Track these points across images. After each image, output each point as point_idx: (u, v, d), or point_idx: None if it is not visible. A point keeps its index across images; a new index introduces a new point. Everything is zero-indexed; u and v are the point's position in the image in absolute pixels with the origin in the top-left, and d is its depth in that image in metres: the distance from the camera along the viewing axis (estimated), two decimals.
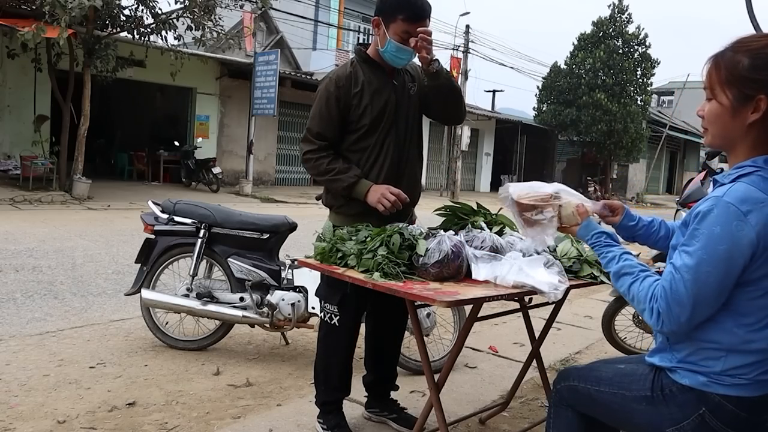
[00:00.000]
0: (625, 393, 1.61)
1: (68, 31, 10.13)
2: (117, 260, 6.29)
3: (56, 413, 2.73)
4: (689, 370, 1.51)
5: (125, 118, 18.98)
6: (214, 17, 12.61)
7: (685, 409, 1.50)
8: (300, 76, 18.63)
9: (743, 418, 1.46)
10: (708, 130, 1.50)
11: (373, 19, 2.47)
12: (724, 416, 1.47)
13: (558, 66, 26.68)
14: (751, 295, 1.43)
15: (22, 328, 3.95)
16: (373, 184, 2.44)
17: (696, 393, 1.49)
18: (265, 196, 15.04)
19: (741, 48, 1.41)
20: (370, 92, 2.48)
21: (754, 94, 1.38)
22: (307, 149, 2.51)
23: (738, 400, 1.46)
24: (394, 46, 2.39)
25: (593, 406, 1.70)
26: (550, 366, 3.61)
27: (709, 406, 1.47)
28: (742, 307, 1.44)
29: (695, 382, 1.49)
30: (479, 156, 26.97)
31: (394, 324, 2.81)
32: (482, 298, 1.92)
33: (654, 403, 1.55)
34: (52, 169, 11.96)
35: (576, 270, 2.25)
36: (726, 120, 1.44)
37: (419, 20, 2.36)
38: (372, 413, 2.83)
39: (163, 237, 3.71)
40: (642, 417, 1.59)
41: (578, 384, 1.73)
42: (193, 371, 3.36)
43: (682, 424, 1.51)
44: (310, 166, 2.52)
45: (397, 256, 2.08)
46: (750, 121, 1.40)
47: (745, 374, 1.45)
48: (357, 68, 2.51)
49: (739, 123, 1.42)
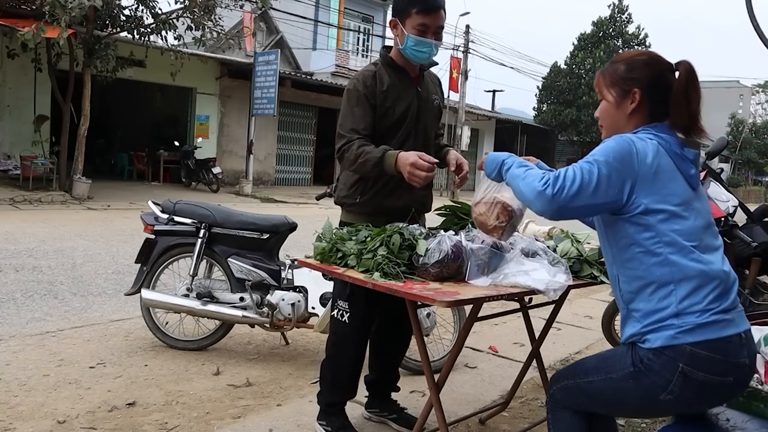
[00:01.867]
0: (612, 376, 1.67)
1: (68, 31, 10.14)
2: (117, 260, 6.29)
3: (56, 413, 2.73)
4: (654, 330, 1.60)
5: (125, 118, 18.98)
6: (214, 17, 12.62)
7: (667, 372, 1.58)
8: (300, 76, 18.64)
9: (719, 361, 1.56)
10: (603, 126, 1.87)
11: (390, 21, 2.48)
12: (701, 365, 1.55)
13: (558, 66, 26.72)
14: (666, 223, 1.63)
15: (22, 328, 3.95)
16: (400, 152, 2.31)
17: (669, 351, 1.57)
18: (265, 196, 15.05)
19: (618, 59, 1.85)
20: (394, 95, 2.49)
21: (631, 89, 1.77)
22: (339, 144, 2.44)
23: (707, 344, 1.55)
24: (413, 41, 2.40)
25: (588, 399, 1.74)
26: (550, 366, 3.61)
27: (684, 359, 1.56)
28: (665, 234, 1.62)
29: (663, 338, 1.58)
30: (479, 156, 26.95)
31: (400, 324, 2.80)
32: (482, 298, 1.92)
33: (640, 377, 1.62)
34: (52, 169, 11.98)
35: (576, 270, 2.25)
36: (612, 113, 1.82)
37: (434, 11, 2.38)
38: (372, 413, 2.82)
39: (163, 237, 3.71)
40: (634, 394, 1.64)
41: (568, 382, 1.77)
42: (193, 371, 3.36)
43: (671, 386, 1.58)
44: (345, 158, 2.42)
45: (397, 256, 2.08)
46: (630, 110, 1.77)
47: (698, 303, 1.58)
48: (381, 70, 2.51)
49: (622, 113, 1.79)
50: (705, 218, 1.70)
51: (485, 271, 2.06)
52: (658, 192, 1.63)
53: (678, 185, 1.66)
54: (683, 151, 1.71)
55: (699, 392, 1.59)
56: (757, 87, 68.92)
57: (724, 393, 1.64)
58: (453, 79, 21.64)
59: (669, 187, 1.64)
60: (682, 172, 1.69)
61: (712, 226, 1.72)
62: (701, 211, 1.70)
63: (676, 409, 1.68)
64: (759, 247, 3.09)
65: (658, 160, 1.65)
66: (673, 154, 1.69)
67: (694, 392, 1.58)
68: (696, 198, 1.71)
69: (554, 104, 26.17)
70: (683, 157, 1.71)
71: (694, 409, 1.72)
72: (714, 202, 3.15)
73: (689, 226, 1.64)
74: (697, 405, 1.68)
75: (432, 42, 2.43)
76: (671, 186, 1.65)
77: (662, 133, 1.71)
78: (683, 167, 1.69)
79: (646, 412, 1.69)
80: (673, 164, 1.68)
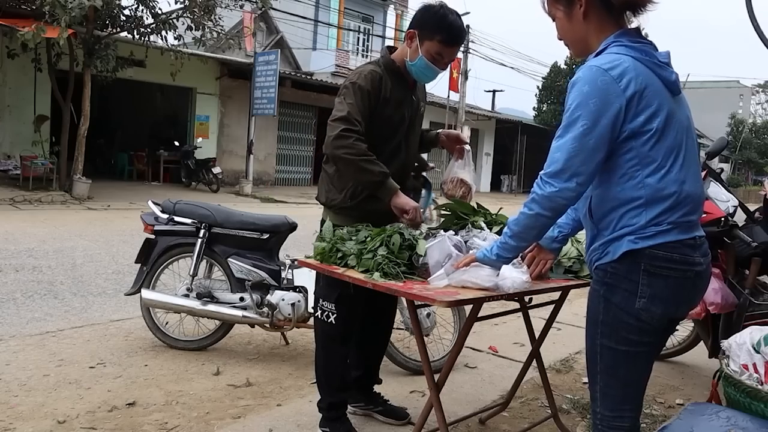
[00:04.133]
0: (597, 318, 1.71)
1: (68, 31, 10.13)
2: (117, 260, 6.29)
3: (56, 413, 2.73)
4: (616, 239, 1.65)
5: (125, 118, 18.97)
6: (214, 17, 12.61)
7: (633, 274, 1.63)
8: (300, 76, 18.65)
9: (677, 259, 1.62)
10: (567, 44, 1.81)
11: (408, 30, 2.45)
12: (661, 262, 1.61)
13: (558, 66, 26.72)
14: (648, 144, 1.61)
15: (22, 328, 3.95)
16: (399, 192, 2.35)
17: (629, 255, 1.63)
18: (265, 196, 15.04)
19: None
20: (393, 104, 2.48)
21: None
22: (346, 127, 2.33)
23: (664, 246, 1.61)
24: (424, 63, 2.41)
25: (613, 367, 1.71)
26: (550, 366, 3.61)
27: (645, 259, 1.62)
28: (645, 156, 1.61)
29: (624, 245, 1.63)
30: (479, 156, 26.95)
31: (382, 321, 2.83)
32: (482, 298, 1.92)
33: (613, 292, 1.67)
34: (52, 169, 11.96)
35: (576, 270, 2.25)
36: (569, 26, 1.76)
37: (455, 45, 2.42)
38: (357, 407, 2.84)
39: (163, 237, 3.71)
40: (617, 315, 1.66)
41: (596, 383, 1.74)
42: (193, 371, 3.36)
43: (640, 289, 1.62)
44: (347, 144, 2.31)
45: (397, 256, 2.08)
46: (581, 15, 1.71)
47: (664, 219, 1.62)
48: (385, 75, 2.48)
49: (577, 21, 1.73)
50: (684, 129, 1.67)
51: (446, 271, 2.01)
52: (642, 113, 1.60)
53: (660, 98, 1.62)
54: (659, 56, 1.66)
55: (667, 288, 1.63)
56: (757, 87, 68.91)
57: (690, 289, 1.68)
58: (453, 79, 21.62)
59: (652, 105, 1.60)
60: (663, 80, 1.64)
61: (690, 132, 1.70)
62: (681, 120, 1.67)
63: (656, 316, 1.65)
64: (759, 247, 3.08)
65: (638, 79, 1.59)
66: (650, 63, 1.63)
67: (662, 288, 1.62)
68: (677, 106, 1.67)
69: (554, 104, 26.17)
70: (659, 63, 1.65)
71: (671, 313, 1.69)
72: (714, 202, 3.15)
73: (668, 145, 1.62)
74: (673, 306, 1.67)
75: (438, 71, 2.45)
76: (654, 102, 1.61)
77: (633, 43, 1.65)
78: (663, 75, 1.65)
79: (639, 334, 1.66)
80: (653, 76, 1.62)
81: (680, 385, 3.55)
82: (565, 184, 1.62)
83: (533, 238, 1.84)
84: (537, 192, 1.68)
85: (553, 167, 1.63)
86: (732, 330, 2.81)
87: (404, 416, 2.79)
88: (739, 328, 2.65)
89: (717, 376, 2.10)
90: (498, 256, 1.88)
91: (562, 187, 1.63)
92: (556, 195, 1.64)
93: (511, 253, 1.86)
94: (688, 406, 1.91)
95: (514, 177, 27.45)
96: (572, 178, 1.62)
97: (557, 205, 1.67)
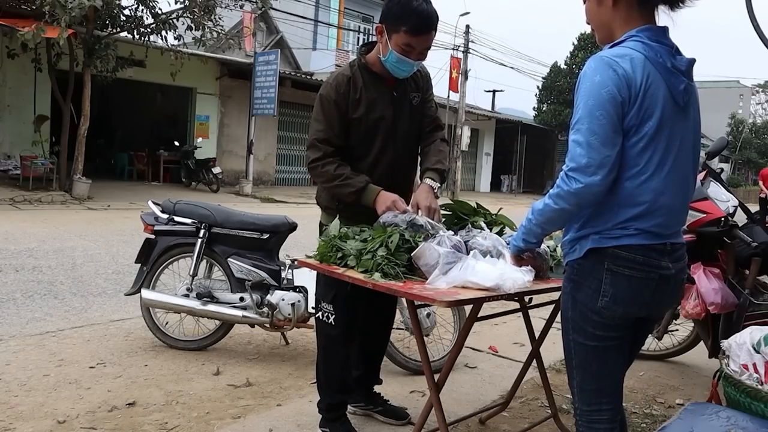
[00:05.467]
0: (567, 314, 1.74)
1: (68, 31, 10.13)
2: (117, 260, 6.29)
3: (56, 413, 2.73)
4: (583, 236, 1.68)
5: (125, 118, 18.97)
6: (214, 17, 12.61)
7: (596, 272, 1.65)
8: (300, 76, 18.64)
9: (641, 261, 1.63)
10: (594, 29, 1.78)
11: (377, 25, 2.37)
12: (623, 263, 1.63)
13: (558, 66, 26.70)
14: (636, 147, 1.60)
15: (22, 328, 3.95)
16: (381, 190, 2.36)
17: (594, 254, 1.65)
18: (265, 196, 15.04)
19: None
20: (366, 103, 2.40)
21: None
22: (314, 157, 2.40)
23: (629, 248, 1.63)
24: (395, 57, 2.31)
25: (582, 357, 1.75)
26: (550, 366, 3.60)
27: (608, 258, 1.64)
28: (629, 158, 1.61)
29: (589, 242, 1.66)
30: (479, 156, 26.97)
31: (382, 321, 2.83)
32: (482, 298, 1.92)
33: (579, 288, 1.70)
34: (52, 169, 11.97)
35: None
36: (596, 9, 1.73)
37: (423, 33, 2.27)
38: (357, 407, 2.84)
39: (163, 237, 3.71)
40: (582, 311, 1.69)
41: (573, 378, 1.80)
42: (193, 371, 3.36)
43: (603, 287, 1.65)
44: (318, 173, 2.42)
45: (396, 257, 2.08)
46: (611, 1, 1.67)
47: (632, 225, 1.63)
48: (357, 74, 2.42)
49: (606, 7, 1.70)
50: (678, 141, 1.64)
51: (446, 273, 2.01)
52: (636, 114, 1.58)
53: (660, 104, 1.59)
54: (675, 62, 1.63)
55: (630, 288, 1.64)
56: (757, 87, 68.87)
57: (655, 291, 1.67)
58: (453, 79, 21.63)
59: (649, 108, 1.58)
60: (670, 88, 1.61)
61: (688, 147, 1.67)
62: (680, 132, 1.64)
63: (618, 314, 1.66)
64: (759, 247, 3.08)
65: (646, 78, 1.57)
66: (661, 67, 1.60)
67: (625, 288, 1.63)
68: (680, 117, 1.64)
69: (554, 104, 26.16)
70: (673, 69, 1.62)
71: (634, 312, 1.69)
72: (714, 202, 3.15)
73: (655, 153, 1.60)
74: (635, 306, 1.67)
75: (413, 62, 2.34)
76: (652, 106, 1.58)
77: (652, 42, 1.62)
78: (672, 82, 1.61)
79: (605, 329, 1.67)
80: (660, 80, 1.59)
81: (680, 385, 3.55)
82: (591, 178, 1.58)
83: (558, 227, 1.85)
84: (563, 188, 1.63)
85: (576, 162, 1.59)
86: (732, 330, 2.81)
87: (404, 416, 2.79)
88: (739, 328, 2.65)
89: (717, 376, 2.10)
90: (525, 242, 1.89)
91: (588, 182, 1.58)
92: (582, 191, 1.60)
93: (537, 238, 1.87)
94: (688, 406, 1.90)
95: (513, 177, 27.46)
96: (597, 171, 1.57)
97: (584, 201, 1.63)
